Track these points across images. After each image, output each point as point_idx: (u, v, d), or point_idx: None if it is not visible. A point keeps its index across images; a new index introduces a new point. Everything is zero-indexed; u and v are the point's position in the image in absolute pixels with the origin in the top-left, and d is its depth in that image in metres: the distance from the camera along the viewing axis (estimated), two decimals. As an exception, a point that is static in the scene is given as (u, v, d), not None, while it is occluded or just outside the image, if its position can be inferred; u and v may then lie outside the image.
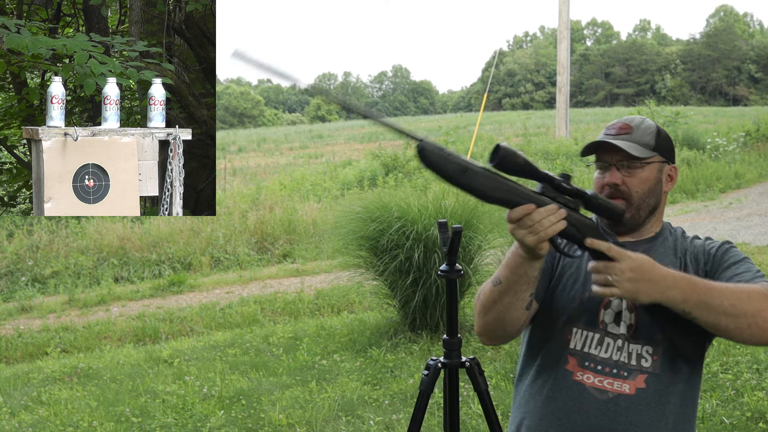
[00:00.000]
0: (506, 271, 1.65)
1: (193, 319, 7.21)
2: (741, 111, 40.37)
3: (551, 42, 79.80)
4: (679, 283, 1.54)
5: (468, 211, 5.67)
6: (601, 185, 1.77)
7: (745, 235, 9.45)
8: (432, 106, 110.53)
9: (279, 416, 4.33)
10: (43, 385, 5.21)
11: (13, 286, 9.01)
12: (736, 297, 1.55)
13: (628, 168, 1.74)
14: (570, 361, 1.76)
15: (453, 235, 1.89)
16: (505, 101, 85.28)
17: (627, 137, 1.75)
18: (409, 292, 5.50)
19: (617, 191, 1.74)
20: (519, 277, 1.63)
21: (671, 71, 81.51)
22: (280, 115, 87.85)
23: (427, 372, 2.03)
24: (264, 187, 13.62)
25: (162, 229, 10.31)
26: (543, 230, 1.51)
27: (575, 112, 44.92)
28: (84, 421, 4.44)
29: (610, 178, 1.75)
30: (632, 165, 1.74)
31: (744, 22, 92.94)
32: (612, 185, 1.74)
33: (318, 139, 40.54)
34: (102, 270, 9.40)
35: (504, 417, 4.17)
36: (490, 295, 1.70)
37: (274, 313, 7.31)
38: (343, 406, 4.46)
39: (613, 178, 1.74)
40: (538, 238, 1.52)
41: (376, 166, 15.38)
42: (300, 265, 9.53)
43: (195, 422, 4.35)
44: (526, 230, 1.52)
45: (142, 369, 5.45)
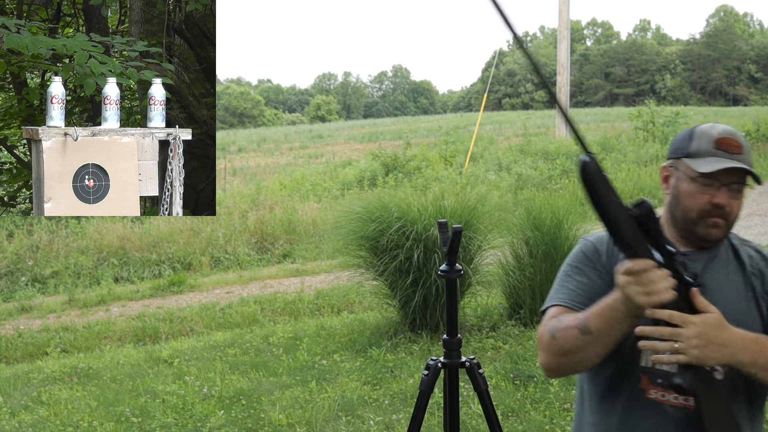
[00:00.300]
0: (600, 323, 1.56)
1: (193, 319, 7.21)
2: (741, 111, 40.38)
3: (551, 42, 79.76)
4: (748, 345, 1.52)
5: (468, 211, 5.67)
6: (704, 203, 1.68)
7: (745, 235, 9.36)
8: (432, 106, 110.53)
9: (279, 416, 4.33)
10: (43, 385, 5.21)
11: (13, 286, 9.01)
12: None
13: (738, 191, 1.69)
14: (642, 379, 1.70)
15: (453, 235, 1.89)
16: (505, 101, 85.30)
17: (740, 157, 1.68)
18: (409, 292, 5.50)
19: (723, 212, 1.68)
20: (614, 331, 1.56)
21: (671, 71, 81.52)
22: (280, 115, 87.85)
23: (427, 372, 2.03)
24: (264, 187, 13.62)
25: (162, 229, 10.32)
26: (656, 294, 1.46)
27: (575, 112, 44.95)
28: (84, 421, 4.44)
29: (720, 199, 1.66)
30: (741, 188, 1.69)
31: (744, 22, 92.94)
32: (721, 207, 1.67)
33: (318, 139, 40.56)
34: (102, 270, 9.40)
35: (504, 417, 4.18)
36: (575, 342, 1.61)
37: (274, 313, 7.31)
38: (343, 406, 4.46)
39: (723, 200, 1.67)
40: (649, 300, 1.46)
41: (376, 166, 15.38)
42: (300, 265, 9.53)
43: (195, 422, 4.35)
44: (641, 288, 1.46)
45: (142, 369, 5.44)
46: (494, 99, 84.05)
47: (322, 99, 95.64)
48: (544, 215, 5.70)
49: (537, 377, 4.66)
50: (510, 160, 16.17)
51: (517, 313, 5.82)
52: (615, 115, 42.81)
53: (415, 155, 16.19)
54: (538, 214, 5.72)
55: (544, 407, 4.24)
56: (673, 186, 1.75)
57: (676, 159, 1.74)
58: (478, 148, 18.96)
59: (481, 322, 5.90)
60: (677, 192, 1.73)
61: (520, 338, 5.47)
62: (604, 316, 1.56)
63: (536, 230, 5.66)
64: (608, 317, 1.55)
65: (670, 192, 1.76)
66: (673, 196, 1.74)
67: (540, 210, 5.75)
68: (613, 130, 23.28)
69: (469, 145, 17.17)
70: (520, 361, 4.99)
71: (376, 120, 74.02)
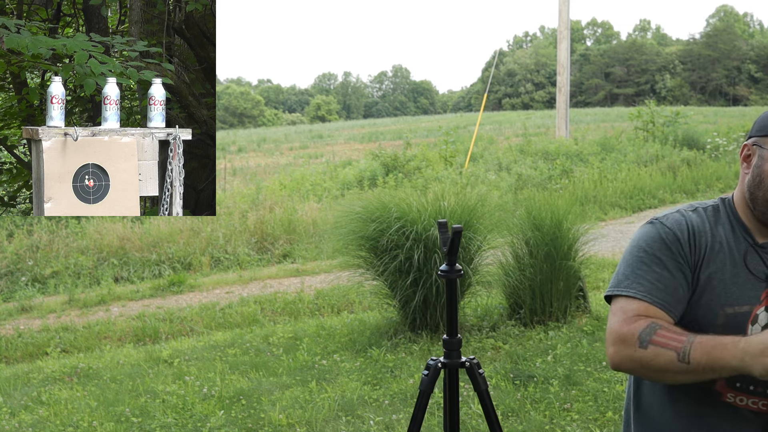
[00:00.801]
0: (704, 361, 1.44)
1: (193, 319, 7.21)
2: (741, 111, 40.41)
3: (551, 42, 79.78)
4: None
5: (468, 211, 5.67)
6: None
7: None
8: (432, 106, 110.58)
9: (279, 416, 4.33)
10: (43, 385, 5.21)
11: (13, 286, 9.01)
12: None
13: None
14: (718, 381, 1.61)
15: (453, 235, 1.89)
16: (505, 101, 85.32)
17: None
18: (409, 292, 5.50)
19: None
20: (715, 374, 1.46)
21: (671, 71, 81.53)
22: (280, 115, 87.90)
23: (427, 372, 2.03)
24: (264, 187, 13.62)
25: (162, 229, 10.31)
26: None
27: (575, 112, 44.93)
28: (84, 421, 4.44)
29: None
30: None
31: (744, 22, 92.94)
32: None
33: (318, 139, 40.56)
34: (102, 270, 9.40)
35: (504, 417, 4.18)
36: (668, 365, 1.49)
37: (274, 313, 7.31)
38: (343, 406, 4.46)
39: None
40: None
41: (376, 166, 15.38)
42: (300, 265, 9.53)
43: (195, 422, 4.35)
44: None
45: (142, 369, 5.44)
46: (494, 99, 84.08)
47: (322, 99, 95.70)
48: (544, 215, 5.71)
49: (537, 377, 4.66)
50: (510, 160, 16.17)
51: (517, 313, 5.82)
52: (615, 115, 42.82)
53: (415, 155, 16.20)
54: (539, 214, 5.72)
55: (544, 407, 4.24)
56: (756, 165, 1.64)
57: (760, 137, 1.65)
58: (478, 148, 18.96)
59: (481, 322, 5.90)
60: (760, 171, 1.63)
61: (520, 338, 5.47)
62: (712, 359, 1.43)
63: (536, 230, 5.67)
64: (716, 365, 1.43)
65: (752, 172, 1.65)
66: (754, 176, 1.64)
67: (540, 210, 5.75)
68: (613, 130, 23.28)
69: (469, 145, 17.17)
70: (520, 361, 4.99)
71: (376, 120, 74.07)
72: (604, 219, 11.76)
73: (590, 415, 4.11)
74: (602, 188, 13.27)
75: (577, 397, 4.35)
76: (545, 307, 5.72)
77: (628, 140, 18.68)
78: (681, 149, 16.58)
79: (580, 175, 14.04)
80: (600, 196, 12.89)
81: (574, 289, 5.85)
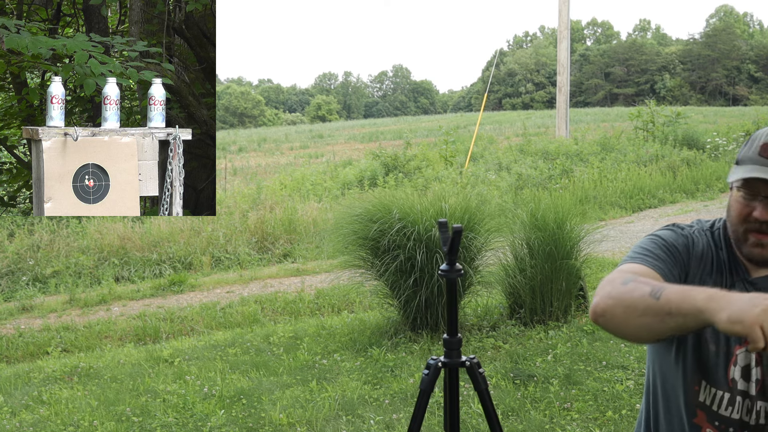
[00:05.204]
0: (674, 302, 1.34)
1: (194, 318, 7.22)
2: (741, 111, 40.40)
3: (551, 42, 79.79)
4: None
5: (468, 212, 5.68)
6: (746, 215, 1.54)
7: None
8: (432, 106, 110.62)
9: (279, 415, 4.33)
10: (44, 385, 5.22)
11: (14, 285, 9.01)
12: None
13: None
14: (699, 414, 1.61)
15: (453, 234, 1.89)
16: (505, 101, 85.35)
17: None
18: (410, 292, 5.50)
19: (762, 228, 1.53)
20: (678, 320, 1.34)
21: (671, 71, 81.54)
22: (281, 115, 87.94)
23: (428, 371, 2.03)
24: (264, 187, 13.63)
25: (162, 229, 10.32)
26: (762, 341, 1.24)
27: (575, 112, 44.94)
28: (85, 420, 4.45)
29: (761, 214, 1.51)
30: None
31: (744, 22, 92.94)
32: (763, 222, 1.52)
33: (318, 139, 40.58)
34: (103, 269, 9.40)
35: (504, 416, 4.18)
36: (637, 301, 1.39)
37: (275, 312, 7.31)
38: (343, 405, 4.46)
39: (760, 214, 1.51)
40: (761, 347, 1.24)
41: (377, 166, 15.39)
42: (300, 264, 9.54)
43: (195, 421, 4.35)
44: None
45: (143, 368, 5.45)
46: (494, 99, 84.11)
47: (323, 99, 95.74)
48: (547, 216, 5.70)
49: (537, 377, 4.66)
50: (510, 160, 16.18)
51: (517, 313, 5.82)
52: (615, 115, 42.83)
53: (415, 155, 16.21)
54: (542, 215, 5.72)
55: (544, 407, 4.24)
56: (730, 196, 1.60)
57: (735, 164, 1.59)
58: (478, 148, 18.97)
59: (481, 321, 5.90)
60: (728, 202, 1.59)
61: (520, 338, 5.47)
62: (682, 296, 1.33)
63: (539, 230, 5.66)
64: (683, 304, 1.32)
65: None
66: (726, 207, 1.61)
67: (543, 211, 5.75)
68: (613, 130, 23.27)
69: (469, 144, 17.18)
70: (520, 360, 4.99)
71: (376, 120, 74.13)
72: (604, 219, 11.76)
73: (590, 415, 4.11)
74: (602, 188, 13.27)
75: (577, 396, 4.35)
76: (545, 306, 5.72)
77: (628, 140, 18.67)
78: (681, 149, 16.58)
79: (580, 174, 14.04)
80: (600, 195, 12.89)
81: (574, 289, 5.85)
